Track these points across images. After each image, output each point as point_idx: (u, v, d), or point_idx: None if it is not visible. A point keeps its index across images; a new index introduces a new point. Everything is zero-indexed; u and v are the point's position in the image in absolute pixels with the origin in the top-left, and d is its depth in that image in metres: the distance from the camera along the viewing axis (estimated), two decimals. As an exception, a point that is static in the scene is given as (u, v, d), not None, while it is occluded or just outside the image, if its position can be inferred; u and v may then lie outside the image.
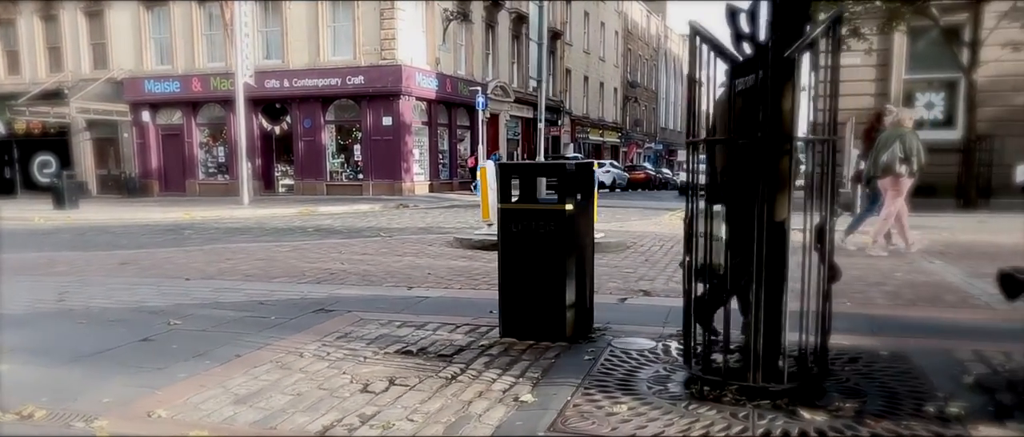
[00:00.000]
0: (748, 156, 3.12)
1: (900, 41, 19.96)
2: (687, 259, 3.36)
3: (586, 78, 45.37)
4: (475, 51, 30.38)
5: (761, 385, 3.13)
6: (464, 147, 30.40)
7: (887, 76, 20.71)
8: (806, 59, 3.11)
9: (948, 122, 19.64)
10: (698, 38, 3.14)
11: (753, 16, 3.02)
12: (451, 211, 18.87)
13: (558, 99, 40.25)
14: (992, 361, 3.76)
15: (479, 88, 27.17)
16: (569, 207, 4.12)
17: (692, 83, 3.24)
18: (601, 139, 49.60)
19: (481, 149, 26.81)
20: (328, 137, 27.00)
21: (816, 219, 3.20)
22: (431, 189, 27.41)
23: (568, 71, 41.95)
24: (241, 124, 20.67)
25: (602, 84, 48.85)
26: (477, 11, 29.73)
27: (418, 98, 26.42)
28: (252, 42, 23.96)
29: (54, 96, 28.00)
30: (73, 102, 27.22)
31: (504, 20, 32.82)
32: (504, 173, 4.40)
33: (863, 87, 20.86)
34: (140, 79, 28.05)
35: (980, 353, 3.89)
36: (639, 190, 37.97)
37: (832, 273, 3.23)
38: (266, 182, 27.73)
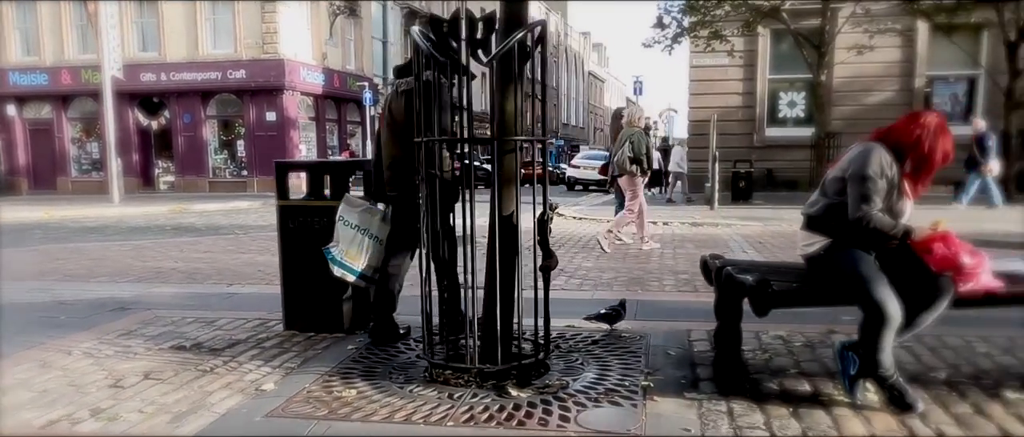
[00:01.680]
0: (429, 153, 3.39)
1: (764, 43, 21.13)
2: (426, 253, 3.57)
3: (485, 74, 45.57)
4: (365, 46, 30.12)
5: (478, 367, 3.38)
6: (355, 143, 30.12)
7: (753, 76, 21.86)
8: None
9: (809, 120, 20.86)
10: (417, 42, 3.36)
11: (454, 23, 3.27)
12: (330, 208, 18.69)
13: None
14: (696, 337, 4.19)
15: (367, 83, 26.97)
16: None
17: (418, 84, 3.46)
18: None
19: (369, 145, 26.62)
20: (210, 132, 26.22)
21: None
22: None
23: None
24: (109, 120, 19.83)
25: (500, 80, 49.26)
26: (366, 6, 29.47)
27: (304, 93, 26.02)
28: (123, 34, 23.03)
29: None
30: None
31: (395, 15, 32.66)
32: (281, 171, 4.53)
33: (731, 86, 21.94)
34: (3, 71, 26.44)
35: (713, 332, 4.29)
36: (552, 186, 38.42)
37: (548, 262, 3.52)
38: (145, 179, 26.70)
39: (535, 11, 57.71)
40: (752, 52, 21.37)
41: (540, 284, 3.49)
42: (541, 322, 3.56)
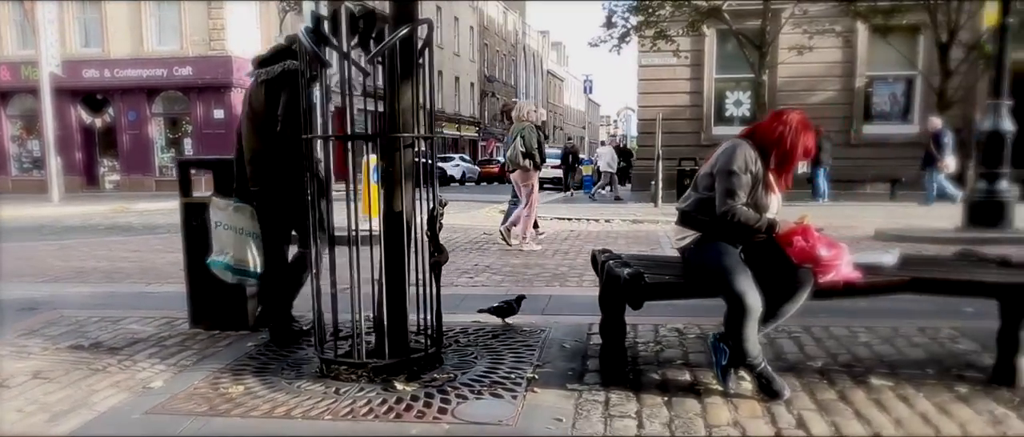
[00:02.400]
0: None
1: (710, 43, 21.48)
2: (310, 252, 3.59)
3: (440, 72, 45.51)
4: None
5: (366, 362, 3.41)
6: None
7: (701, 76, 22.21)
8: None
9: (754, 119, 21.19)
10: (301, 43, 3.38)
11: (334, 20, 3.30)
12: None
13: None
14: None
15: (317, 81, 26.72)
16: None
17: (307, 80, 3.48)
18: (458, 133, 49.96)
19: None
20: (156, 130, 25.75)
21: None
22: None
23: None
24: (48, 117, 19.35)
25: (458, 79, 49.19)
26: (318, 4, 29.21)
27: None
28: (65, 31, 22.48)
29: None
30: None
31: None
32: (182, 168, 4.50)
33: (679, 85, 22.26)
34: (-61, 67, 25.66)
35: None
36: (494, 184, 38.57)
37: (438, 257, 3.57)
38: (89, 178, 26.13)
39: (494, 12, 57.80)
40: (699, 52, 21.72)
41: (435, 279, 3.53)
42: (435, 317, 3.60)
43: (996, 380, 3.27)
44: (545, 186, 27.75)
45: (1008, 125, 8.49)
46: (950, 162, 14.02)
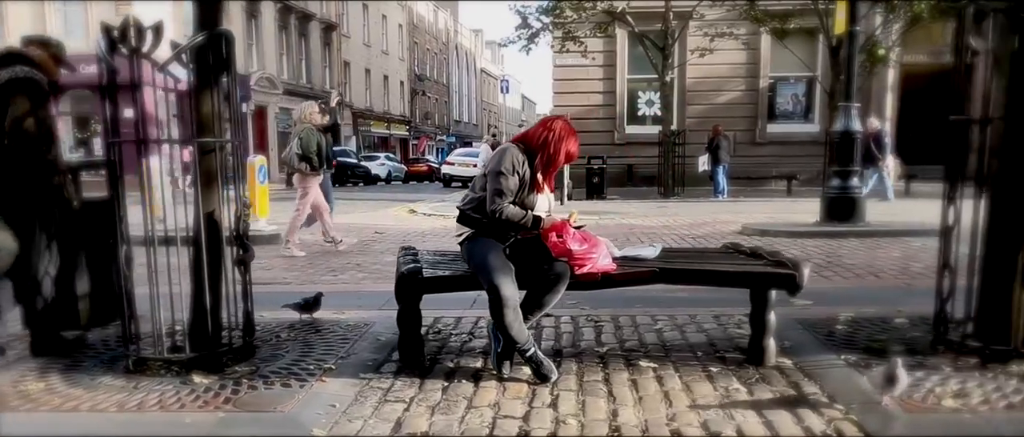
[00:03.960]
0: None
1: (621, 45, 22.02)
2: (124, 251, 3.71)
3: (368, 71, 45.29)
4: (236, 41, 29.33)
5: (168, 357, 3.56)
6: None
7: (613, 76, 22.76)
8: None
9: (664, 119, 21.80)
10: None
11: (124, 32, 3.44)
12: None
13: (337, 91, 39.90)
14: (440, 324, 4.51)
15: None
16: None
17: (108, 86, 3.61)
18: (387, 132, 49.76)
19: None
20: (64, 130, 24.92)
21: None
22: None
23: (346, 63, 41.66)
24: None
25: (386, 77, 48.97)
26: (234, 5, 28.73)
27: (167, 89, 25.08)
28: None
29: None
30: None
31: (268, 10, 32.02)
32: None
33: (592, 85, 22.77)
34: None
35: (440, 319, 4.62)
36: (422, 182, 38.56)
37: (245, 256, 3.73)
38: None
39: (424, 10, 57.71)
40: (611, 53, 22.27)
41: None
42: (244, 312, 3.77)
43: (750, 360, 3.63)
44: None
45: (857, 126, 9.10)
46: (891, 160, 14.64)
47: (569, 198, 16.63)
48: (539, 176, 3.42)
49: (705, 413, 3.01)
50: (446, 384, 3.42)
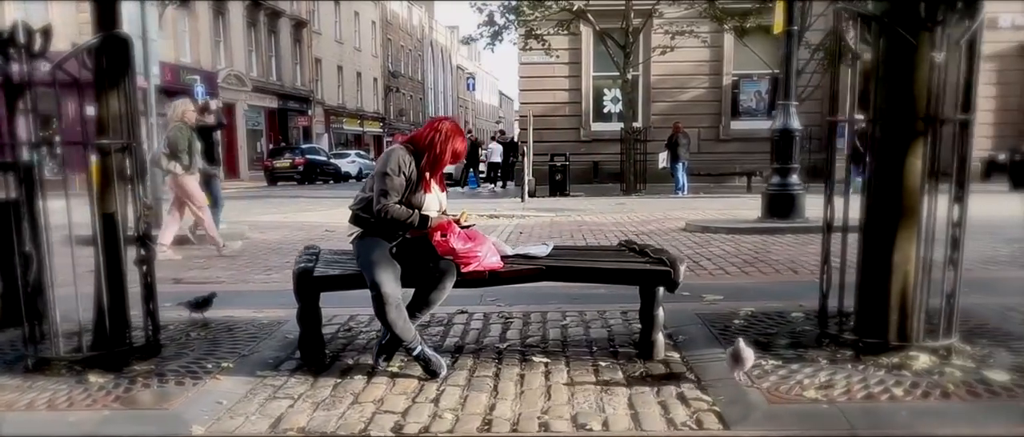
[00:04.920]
0: None
1: (587, 43, 22.15)
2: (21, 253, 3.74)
3: (340, 67, 45.10)
4: (202, 38, 29.17)
5: (62, 357, 3.60)
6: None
7: (579, 73, 22.90)
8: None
9: (633, 115, 21.96)
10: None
11: (12, 33, 3.47)
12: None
13: (307, 88, 39.74)
14: (353, 323, 4.58)
15: (198, 77, 26.15)
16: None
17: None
18: (360, 129, 49.60)
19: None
20: (24, 128, 24.61)
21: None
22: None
23: (318, 60, 41.47)
24: None
25: (359, 74, 48.79)
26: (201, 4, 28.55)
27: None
28: (-84, 21, 21.24)
29: None
30: None
31: (236, 7, 31.79)
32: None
33: (558, 83, 22.89)
34: None
35: (355, 315, 4.69)
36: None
37: (146, 255, 3.78)
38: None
39: (398, 7, 57.51)
40: (577, 50, 22.41)
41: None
42: (147, 311, 3.82)
43: (640, 355, 3.73)
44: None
45: (796, 124, 9.27)
46: None
47: (532, 195, 16.77)
48: (426, 175, 3.49)
49: (579, 406, 3.11)
50: (339, 381, 3.49)
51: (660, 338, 3.71)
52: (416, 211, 3.44)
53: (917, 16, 3.36)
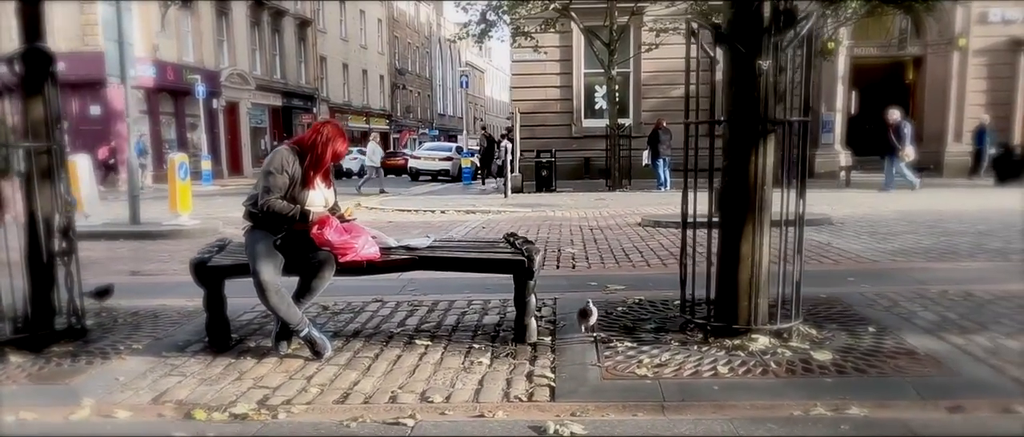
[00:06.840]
0: None
1: (577, 40, 22.38)
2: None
3: (346, 65, 45.54)
4: (205, 38, 29.67)
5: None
6: (196, 136, 29.70)
7: (570, 71, 23.15)
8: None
9: (621, 112, 22.18)
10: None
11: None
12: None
13: (313, 87, 40.23)
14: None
15: (199, 76, 26.67)
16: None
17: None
18: (366, 126, 50.01)
19: (203, 138, 26.42)
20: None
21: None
22: (155, 180, 26.56)
23: (323, 58, 41.94)
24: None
25: (365, 71, 49.21)
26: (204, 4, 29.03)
27: (133, 87, 25.43)
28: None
29: None
30: None
31: (239, 7, 32.27)
32: None
33: (550, 80, 23.14)
34: None
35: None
36: (402, 176, 38.78)
37: (70, 245, 4.16)
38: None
39: (405, 5, 57.91)
40: (568, 47, 22.64)
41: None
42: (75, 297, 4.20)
43: (516, 338, 4.06)
44: (439, 177, 28.67)
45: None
46: (910, 150, 14.84)
47: (517, 191, 17.10)
48: (310, 173, 3.83)
49: (434, 382, 3.45)
50: (233, 361, 3.85)
51: (532, 323, 4.04)
52: (297, 206, 3.78)
53: (752, 29, 3.68)
